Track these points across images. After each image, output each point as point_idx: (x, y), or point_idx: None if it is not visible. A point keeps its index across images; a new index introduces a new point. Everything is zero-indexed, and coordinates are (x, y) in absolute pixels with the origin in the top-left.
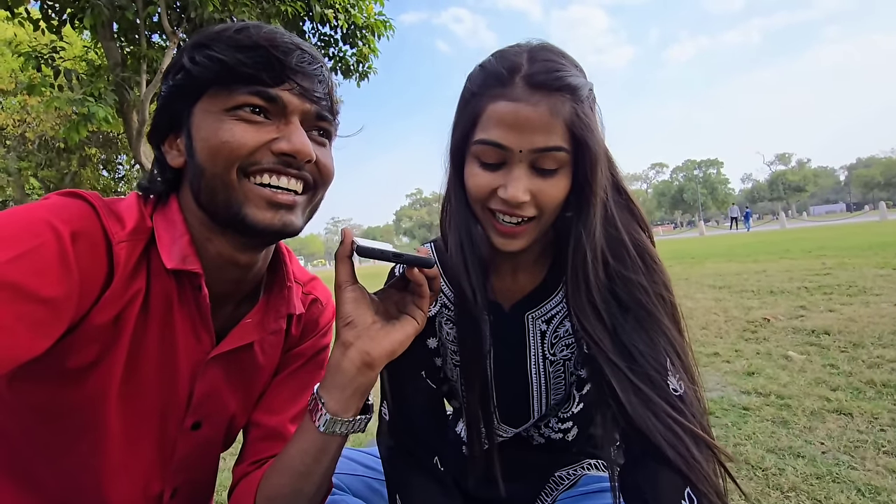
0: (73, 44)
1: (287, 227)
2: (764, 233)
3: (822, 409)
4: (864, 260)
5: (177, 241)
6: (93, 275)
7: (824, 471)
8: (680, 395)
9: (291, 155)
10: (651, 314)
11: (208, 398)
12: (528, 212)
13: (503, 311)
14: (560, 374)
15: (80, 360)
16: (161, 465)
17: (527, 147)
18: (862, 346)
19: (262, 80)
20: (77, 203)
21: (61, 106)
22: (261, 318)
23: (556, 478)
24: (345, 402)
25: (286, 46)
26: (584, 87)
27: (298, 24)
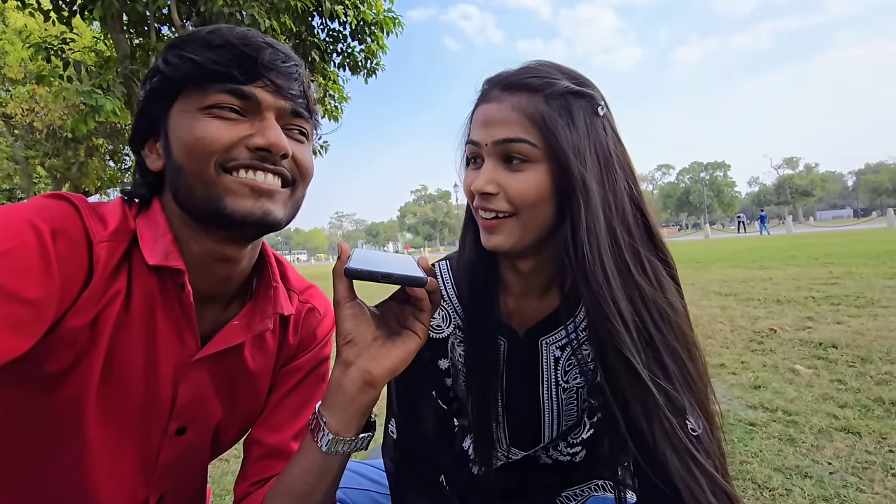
0: (83, 35)
1: (267, 215)
2: (770, 238)
3: (829, 427)
4: (872, 269)
5: (159, 239)
6: (73, 275)
7: (832, 493)
8: (697, 434)
9: (266, 149)
10: (671, 349)
11: (193, 403)
12: (499, 205)
13: (517, 336)
14: (573, 401)
15: (58, 364)
16: (145, 472)
17: (490, 140)
18: (870, 361)
19: (235, 78)
20: (59, 203)
21: (70, 97)
22: (248, 321)
23: (562, 497)
24: (346, 421)
25: (257, 44)
26: (557, 86)
27: (307, 19)
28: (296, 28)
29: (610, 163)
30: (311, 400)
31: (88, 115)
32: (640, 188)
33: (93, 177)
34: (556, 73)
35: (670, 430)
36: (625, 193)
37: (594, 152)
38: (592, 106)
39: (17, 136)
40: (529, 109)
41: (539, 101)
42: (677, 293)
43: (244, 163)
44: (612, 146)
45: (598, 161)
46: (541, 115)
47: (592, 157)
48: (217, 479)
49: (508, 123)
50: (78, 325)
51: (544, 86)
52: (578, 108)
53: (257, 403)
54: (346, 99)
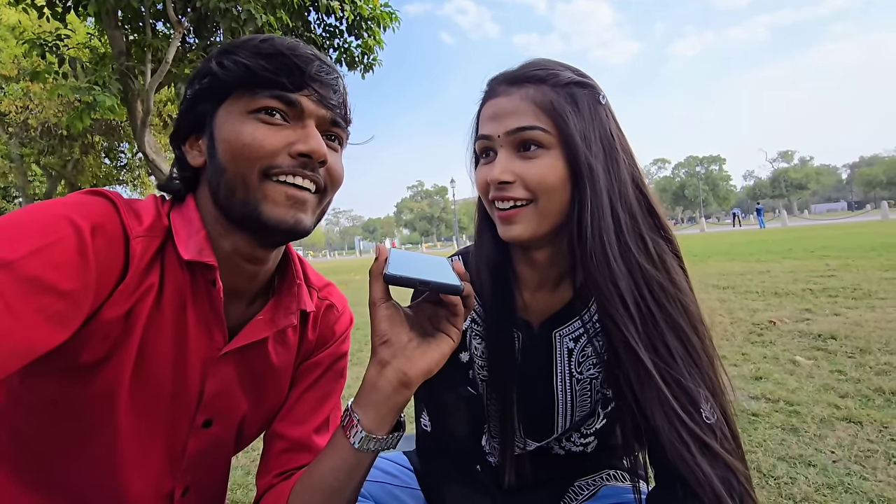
0: (77, 31)
1: (299, 224)
2: (766, 231)
3: (831, 417)
4: (868, 262)
5: (193, 235)
6: (109, 268)
7: (836, 480)
8: (711, 424)
9: (308, 155)
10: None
11: (219, 396)
12: (517, 193)
13: (532, 329)
14: (587, 393)
15: (92, 355)
16: (171, 463)
17: (502, 131)
18: (869, 351)
19: (283, 85)
20: (98, 200)
21: (66, 94)
22: (272, 316)
23: (575, 487)
24: (380, 420)
25: (307, 56)
26: (561, 77)
27: (304, 14)
28: (292, 23)
29: (613, 147)
30: (330, 395)
31: (84, 111)
32: (641, 170)
33: (88, 174)
34: (558, 66)
35: (681, 420)
36: (627, 176)
37: (598, 138)
38: (594, 95)
39: (11, 133)
40: (538, 98)
41: (547, 91)
42: (681, 271)
43: (286, 170)
44: (615, 131)
45: (602, 146)
46: (550, 102)
47: (597, 142)
48: None
49: (519, 113)
50: (113, 318)
51: (549, 77)
52: (582, 97)
53: (279, 397)
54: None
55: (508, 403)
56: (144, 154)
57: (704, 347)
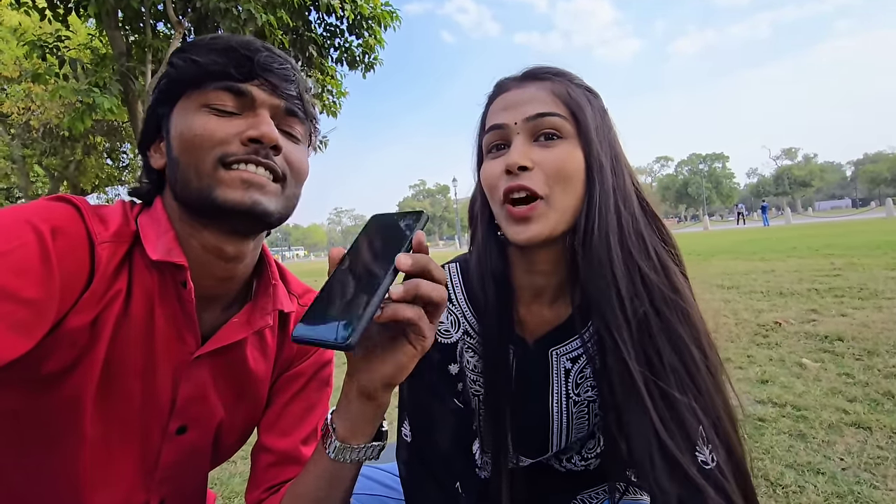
0: (78, 32)
1: (257, 205)
2: (769, 229)
3: (839, 423)
4: (874, 260)
5: (161, 236)
6: (74, 275)
7: (846, 489)
8: (709, 470)
9: (258, 140)
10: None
11: (194, 401)
12: (534, 182)
13: (527, 345)
14: (584, 415)
15: (57, 365)
16: (144, 474)
17: (520, 118)
18: (877, 353)
19: (232, 76)
20: (60, 205)
21: (66, 95)
22: (248, 318)
23: (577, 501)
24: (352, 429)
25: (255, 47)
26: (573, 78)
27: (304, 13)
28: (293, 23)
29: (618, 154)
30: (315, 405)
31: (85, 113)
32: (640, 181)
33: (90, 175)
34: (569, 71)
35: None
36: (630, 184)
37: (607, 141)
38: (601, 104)
39: (13, 134)
40: (557, 89)
41: (565, 83)
42: (683, 278)
43: (240, 157)
44: (617, 140)
45: (609, 147)
46: (568, 93)
47: (606, 142)
48: (225, 482)
49: (538, 100)
50: (78, 325)
51: (564, 73)
52: (593, 101)
53: (258, 405)
54: (344, 94)
55: (501, 419)
56: None
57: (708, 364)
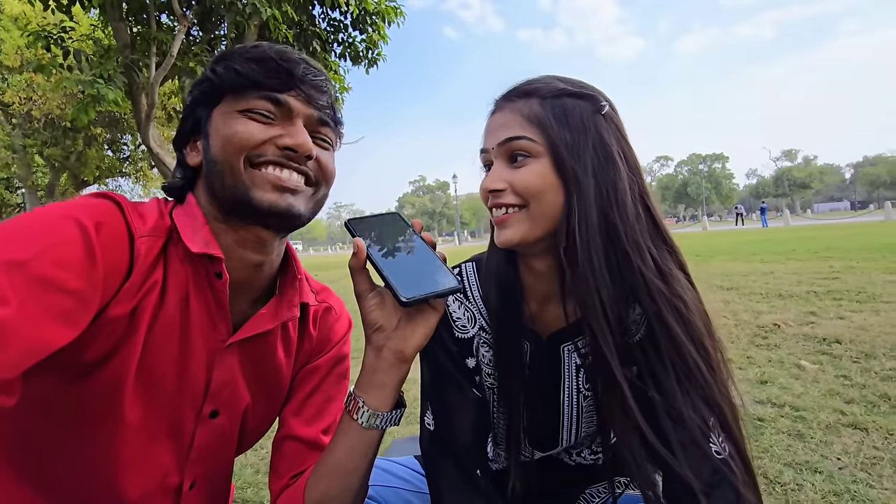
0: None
1: (291, 208)
2: (768, 230)
3: (837, 423)
4: (872, 264)
5: (199, 230)
6: (115, 267)
7: (842, 488)
8: (723, 458)
9: (293, 149)
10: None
11: (225, 386)
12: (508, 199)
13: (540, 340)
14: (593, 409)
15: (98, 352)
16: (179, 457)
17: (495, 143)
18: (874, 356)
19: (272, 87)
20: (103, 202)
21: (70, 87)
22: (275, 310)
23: (587, 494)
24: (383, 398)
25: (293, 59)
26: (546, 89)
27: (308, 8)
28: (297, 17)
29: (610, 157)
30: (334, 398)
31: (89, 104)
32: (646, 185)
33: (91, 166)
34: (553, 79)
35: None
36: (627, 187)
37: (592, 146)
38: (594, 105)
39: (14, 124)
40: (525, 110)
41: (534, 103)
42: (688, 284)
43: (271, 159)
44: (615, 143)
45: (596, 154)
46: (535, 114)
47: (589, 150)
48: (237, 472)
49: (508, 125)
50: (118, 315)
51: (538, 90)
52: (574, 106)
53: (280, 394)
54: (347, 90)
55: (515, 412)
56: (148, 147)
57: (712, 365)
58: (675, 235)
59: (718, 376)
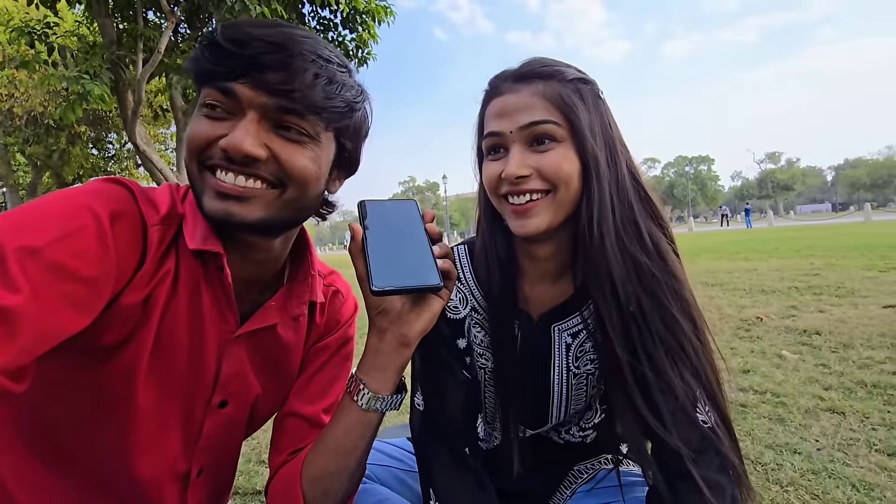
0: (65, 19)
1: (232, 216)
2: (752, 230)
3: (815, 408)
4: (852, 261)
5: (199, 224)
6: (128, 255)
7: (820, 467)
8: (710, 426)
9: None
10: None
11: (234, 377)
12: (534, 185)
13: (531, 320)
14: (582, 387)
15: (113, 338)
16: (188, 444)
17: (515, 126)
18: (852, 346)
19: (221, 75)
20: (116, 188)
21: (54, 84)
22: (283, 303)
23: (574, 471)
24: (384, 381)
25: (245, 39)
26: (567, 73)
27: (298, 6)
28: (286, 15)
29: (612, 139)
30: (338, 377)
31: (76, 102)
32: (636, 161)
33: (74, 165)
34: (561, 64)
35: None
36: (625, 168)
37: (601, 131)
38: (595, 90)
39: None
40: (549, 93)
41: (556, 85)
42: (676, 258)
43: (217, 163)
44: (613, 124)
45: (604, 139)
46: (560, 96)
47: (600, 135)
48: None
49: (531, 108)
50: (132, 303)
51: (556, 73)
52: (586, 92)
53: (290, 380)
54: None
55: (509, 390)
56: (135, 145)
57: (700, 337)
58: None
59: (706, 348)
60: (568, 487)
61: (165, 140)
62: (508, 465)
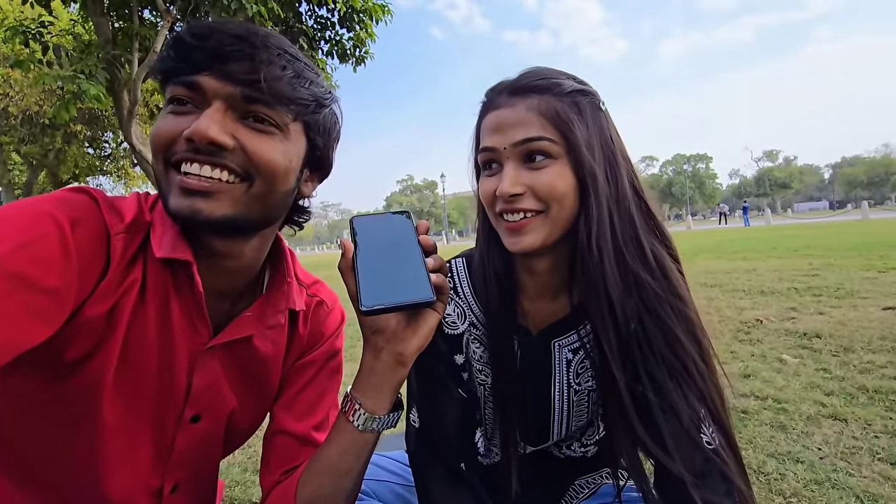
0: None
1: (197, 214)
2: (750, 229)
3: (817, 415)
4: (850, 261)
5: (167, 231)
6: (91, 265)
7: (823, 477)
8: (714, 448)
9: (190, 138)
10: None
11: (207, 390)
12: (528, 204)
13: (531, 336)
14: (584, 403)
15: (77, 352)
16: (159, 460)
17: (509, 143)
18: (852, 350)
19: (185, 70)
20: (80, 197)
21: (50, 83)
22: (260, 313)
23: (576, 486)
24: (381, 400)
25: (207, 32)
26: (564, 86)
27: (295, 4)
28: (283, 14)
29: (613, 153)
30: (327, 392)
31: (71, 101)
32: (639, 175)
33: (70, 164)
34: (560, 74)
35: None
36: (626, 183)
37: (600, 145)
38: (594, 102)
39: None
40: (543, 108)
41: (551, 100)
42: (680, 276)
43: (180, 156)
44: (614, 137)
45: (603, 153)
46: (555, 112)
47: (599, 149)
48: (224, 471)
49: (525, 124)
50: (96, 314)
51: (552, 86)
52: (584, 105)
53: (269, 393)
54: (334, 88)
55: (509, 406)
56: (131, 145)
57: (705, 358)
58: None
59: (711, 370)
60: (569, 503)
61: None
62: (507, 483)
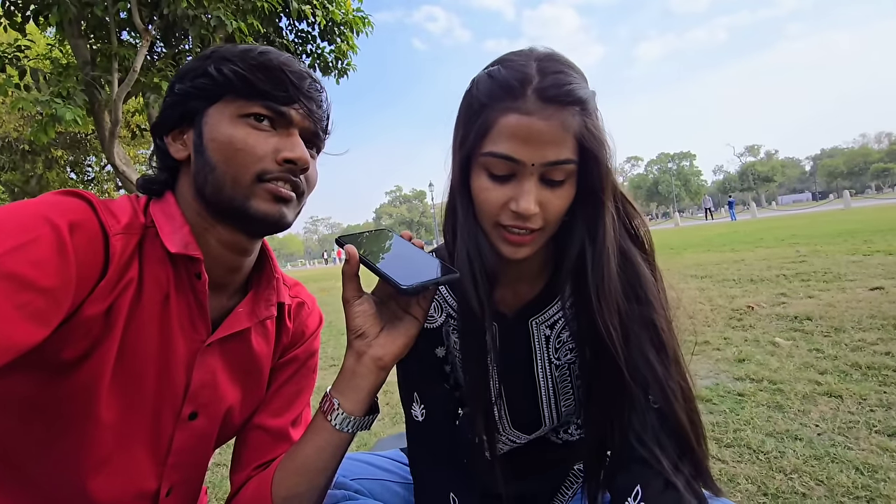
0: (37, 42)
1: (283, 218)
2: (737, 223)
3: (813, 393)
4: (836, 247)
5: (178, 230)
6: (89, 266)
7: (822, 452)
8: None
9: (293, 161)
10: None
11: (205, 386)
12: (535, 223)
13: (507, 319)
14: (566, 379)
15: (73, 352)
16: (157, 462)
17: (539, 161)
18: (843, 330)
19: (277, 98)
20: (73, 199)
21: (27, 108)
22: (252, 308)
23: (575, 471)
24: (359, 402)
25: (300, 73)
26: (591, 98)
27: (275, 20)
28: (263, 29)
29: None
30: (304, 390)
31: (48, 123)
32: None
33: (53, 189)
34: (580, 77)
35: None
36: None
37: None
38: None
39: None
40: (576, 128)
41: (583, 119)
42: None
43: (276, 176)
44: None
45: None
46: (584, 134)
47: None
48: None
49: (560, 144)
50: (93, 314)
51: (580, 98)
52: (600, 118)
53: (262, 389)
54: None
55: (487, 397)
56: (114, 166)
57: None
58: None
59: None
60: (569, 488)
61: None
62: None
